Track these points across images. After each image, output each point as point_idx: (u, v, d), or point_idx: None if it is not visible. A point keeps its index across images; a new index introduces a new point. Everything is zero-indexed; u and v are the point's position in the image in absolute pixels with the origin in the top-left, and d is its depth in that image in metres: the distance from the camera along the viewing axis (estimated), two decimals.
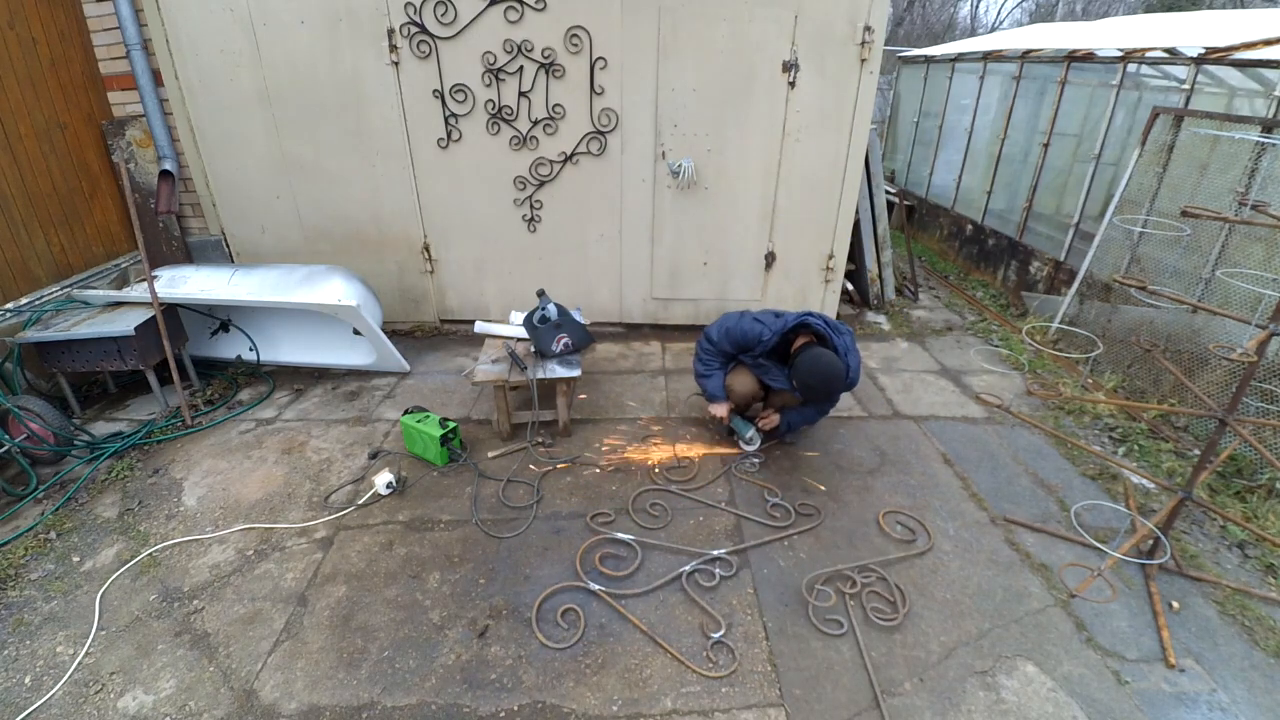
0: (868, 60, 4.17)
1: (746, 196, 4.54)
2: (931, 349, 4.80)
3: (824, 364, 2.92)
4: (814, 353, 2.96)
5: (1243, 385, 2.43)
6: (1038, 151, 5.50)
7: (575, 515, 2.97)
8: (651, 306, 4.93)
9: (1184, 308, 3.74)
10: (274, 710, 2.10)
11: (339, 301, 3.79)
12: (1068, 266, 5.07)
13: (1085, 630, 2.43)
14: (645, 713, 2.10)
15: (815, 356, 2.94)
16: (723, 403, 3.35)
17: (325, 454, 3.43)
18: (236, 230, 4.68)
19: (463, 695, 2.14)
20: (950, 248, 6.99)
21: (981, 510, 3.06)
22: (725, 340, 3.27)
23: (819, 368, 2.93)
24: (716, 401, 3.35)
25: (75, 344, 3.53)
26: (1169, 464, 3.42)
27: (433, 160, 4.40)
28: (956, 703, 2.15)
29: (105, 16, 4.08)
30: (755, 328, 3.18)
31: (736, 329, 3.23)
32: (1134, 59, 4.53)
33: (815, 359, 2.94)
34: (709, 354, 3.34)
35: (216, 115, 4.31)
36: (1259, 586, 2.66)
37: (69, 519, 2.95)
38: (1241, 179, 3.59)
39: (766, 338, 3.13)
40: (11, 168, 3.68)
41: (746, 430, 3.38)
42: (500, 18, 3.99)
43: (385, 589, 2.56)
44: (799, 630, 2.41)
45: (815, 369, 2.93)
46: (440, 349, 4.68)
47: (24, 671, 2.23)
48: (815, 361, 2.94)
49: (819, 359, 2.93)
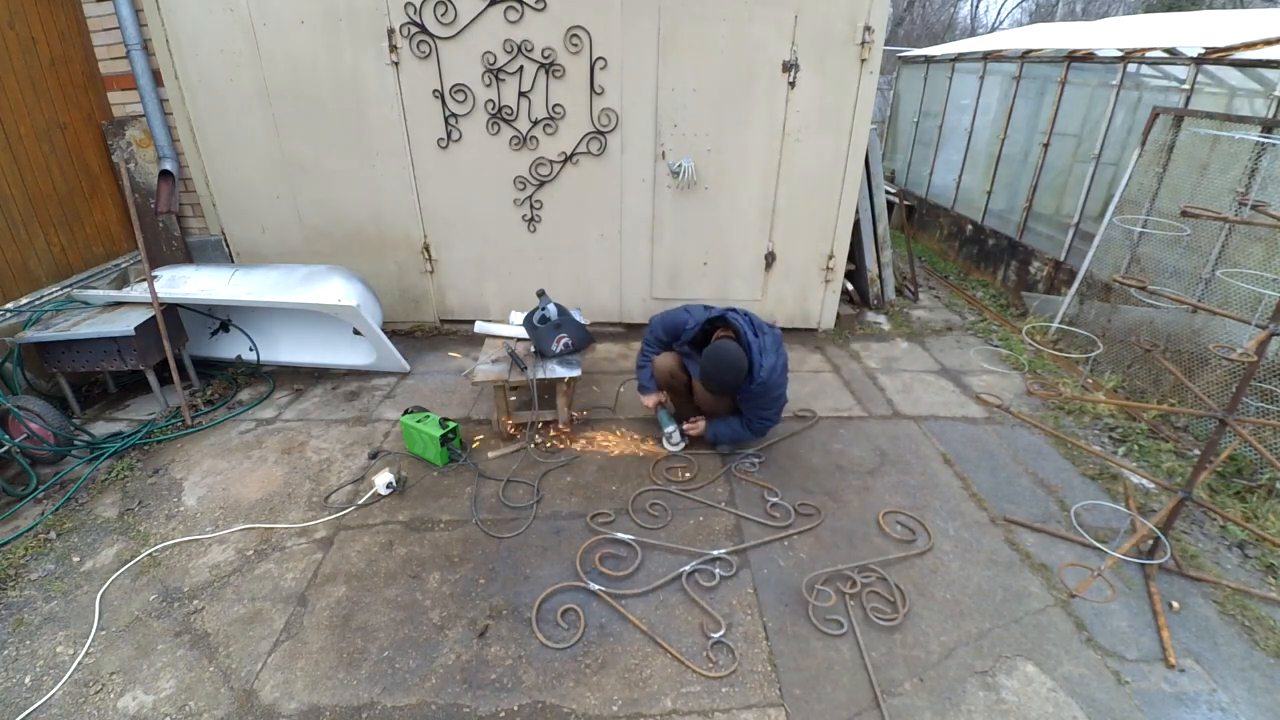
0: (868, 60, 4.17)
1: (746, 196, 4.55)
2: (931, 349, 4.79)
3: (722, 354, 2.99)
4: (719, 344, 3.04)
5: (1243, 385, 2.43)
6: (1038, 151, 5.50)
7: (575, 515, 2.97)
8: (651, 306, 4.93)
9: (1184, 308, 3.74)
10: (274, 710, 2.10)
11: (339, 301, 3.79)
12: (1068, 266, 5.07)
13: (1085, 630, 2.43)
14: (645, 713, 2.10)
15: (718, 347, 3.02)
16: (651, 394, 3.44)
17: (325, 454, 3.43)
18: (236, 230, 4.68)
19: (463, 695, 2.14)
20: (950, 248, 6.99)
21: (981, 510, 3.06)
22: (660, 329, 3.38)
23: (715, 356, 3.01)
24: (646, 392, 3.45)
25: (75, 344, 3.53)
26: (1169, 464, 3.42)
27: (433, 160, 4.40)
28: (956, 703, 2.15)
29: (105, 16, 4.08)
30: (683, 317, 3.30)
31: (668, 318, 3.36)
32: (1134, 59, 4.53)
33: (716, 349, 3.02)
34: (649, 344, 3.45)
35: (216, 115, 4.31)
36: (1259, 586, 2.66)
37: (69, 519, 2.95)
38: (1241, 179, 3.59)
39: (690, 326, 3.24)
40: (11, 168, 3.68)
41: (667, 424, 3.43)
42: (500, 18, 3.99)
43: (385, 589, 2.56)
44: (799, 630, 2.40)
45: (711, 356, 3.02)
46: (440, 349, 4.68)
47: (24, 671, 2.23)
48: (715, 351, 3.02)
49: (719, 349, 3.01)
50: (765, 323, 3.21)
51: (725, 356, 2.99)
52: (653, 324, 3.42)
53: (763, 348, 3.05)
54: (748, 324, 3.11)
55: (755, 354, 3.02)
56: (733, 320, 3.12)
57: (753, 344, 3.03)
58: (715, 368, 3.01)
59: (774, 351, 3.10)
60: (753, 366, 3.01)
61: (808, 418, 3.77)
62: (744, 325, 3.09)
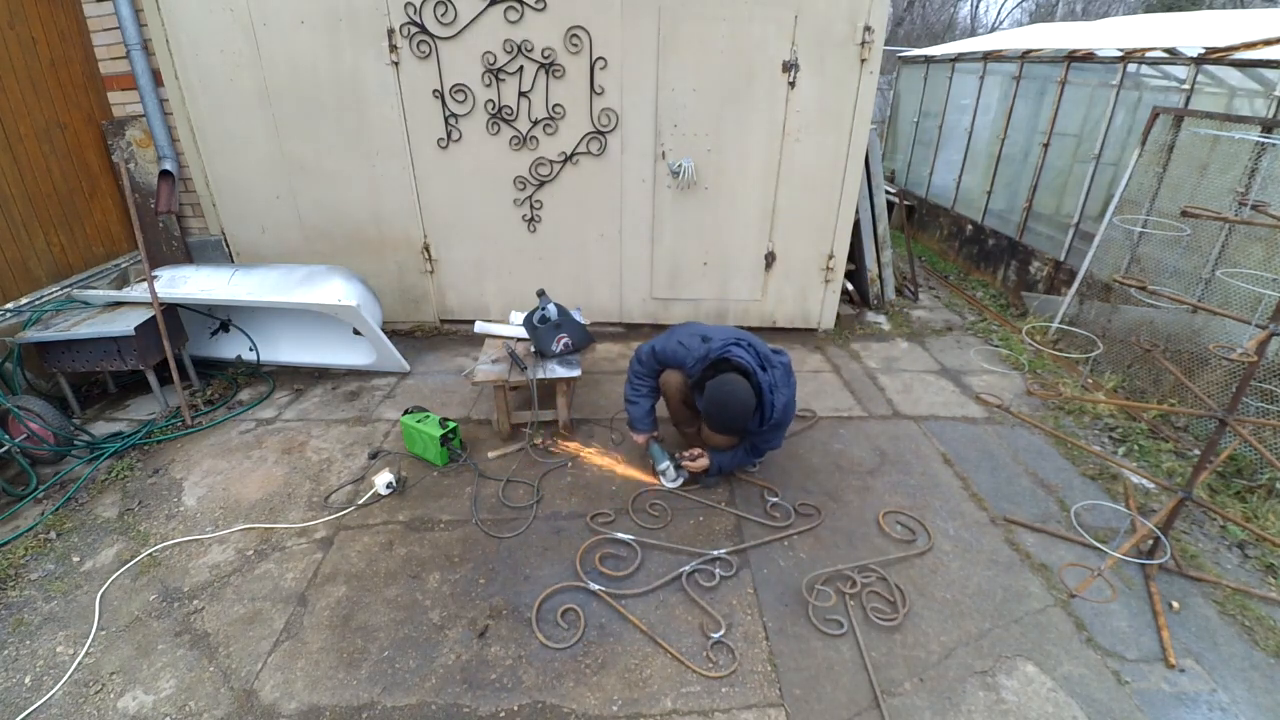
0: (868, 60, 4.17)
1: (746, 196, 4.54)
2: (931, 349, 4.80)
3: (729, 397, 2.70)
4: (725, 383, 2.73)
5: (1243, 385, 2.43)
6: (1038, 151, 5.50)
7: (575, 515, 2.97)
8: (651, 306, 4.93)
9: (1184, 308, 3.74)
10: (274, 710, 2.10)
11: (339, 301, 3.79)
12: (1068, 266, 5.07)
13: (1085, 630, 2.43)
14: (645, 713, 2.10)
15: (722, 383, 2.73)
16: (643, 433, 3.16)
17: (325, 454, 3.43)
18: (236, 230, 4.68)
19: (463, 695, 2.14)
20: (950, 248, 6.99)
21: (981, 510, 3.06)
22: (654, 359, 3.08)
23: (721, 398, 2.71)
24: (637, 431, 3.16)
25: (75, 344, 3.53)
26: (1169, 464, 3.42)
27: (433, 160, 4.40)
28: (956, 703, 2.15)
29: (105, 16, 4.08)
30: (679, 352, 2.95)
31: (662, 349, 3.04)
32: (1134, 59, 4.53)
33: (723, 392, 2.72)
34: (640, 376, 3.13)
35: (216, 115, 4.31)
36: (1259, 586, 2.66)
37: (69, 519, 2.95)
38: (1241, 179, 3.59)
39: (690, 365, 2.92)
40: (11, 168, 3.68)
41: (661, 460, 3.13)
42: (500, 18, 3.99)
43: (385, 589, 2.56)
44: (799, 630, 2.40)
45: (717, 398, 2.72)
46: (440, 349, 4.68)
47: (24, 671, 2.23)
48: (719, 389, 2.73)
49: (726, 393, 2.71)
50: (769, 348, 2.96)
51: (733, 399, 2.70)
52: (641, 354, 3.10)
53: (774, 384, 2.80)
54: (755, 359, 2.81)
55: (767, 393, 2.76)
56: (739, 361, 2.78)
57: (764, 383, 2.75)
58: (721, 411, 2.73)
59: (785, 385, 2.87)
60: (764, 404, 2.77)
61: (808, 418, 3.77)
62: (753, 364, 2.78)
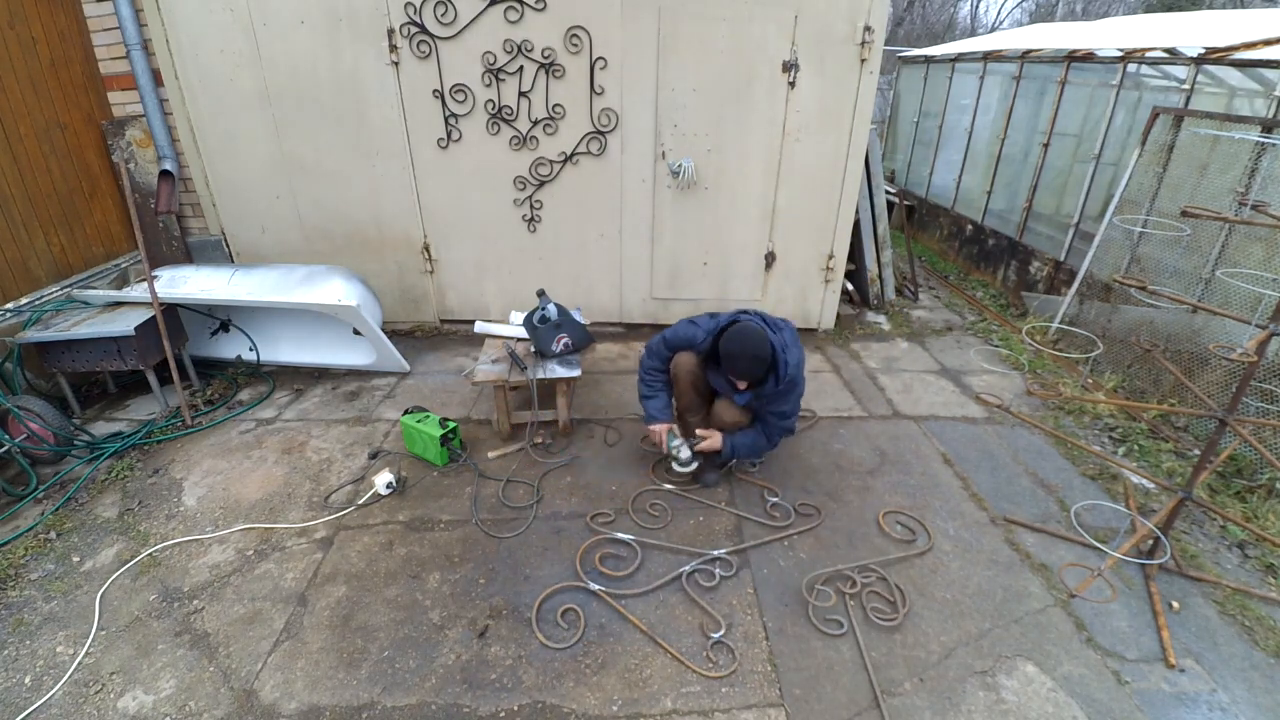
0: (868, 60, 4.17)
1: (746, 196, 4.54)
2: (931, 349, 4.80)
3: (746, 334, 2.79)
4: (739, 326, 2.83)
5: (1243, 385, 2.43)
6: (1038, 151, 5.50)
7: (575, 515, 2.97)
8: (652, 306, 4.93)
9: (1184, 308, 3.74)
10: (274, 710, 2.10)
11: (339, 301, 3.79)
12: (1068, 266, 5.08)
13: (1085, 630, 2.43)
14: (645, 713, 2.10)
15: (739, 329, 2.82)
16: (661, 423, 3.09)
17: (325, 454, 3.43)
18: (236, 230, 4.68)
19: (463, 695, 2.14)
20: (950, 248, 6.99)
21: (981, 510, 3.06)
22: (664, 347, 3.11)
23: (740, 337, 2.79)
24: (655, 423, 3.10)
25: (75, 344, 3.53)
26: (1169, 464, 3.42)
27: (433, 160, 4.40)
28: (956, 703, 2.15)
29: (105, 16, 4.08)
30: (690, 330, 3.04)
31: (674, 334, 3.09)
32: (1134, 59, 4.53)
33: (739, 331, 2.81)
34: (653, 370, 3.14)
35: (216, 115, 4.31)
36: (1259, 586, 2.66)
37: (69, 519, 2.95)
38: (1241, 179, 3.59)
39: (700, 340, 2.99)
40: (11, 168, 3.68)
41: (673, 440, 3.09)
42: (500, 18, 3.99)
43: (385, 589, 2.56)
44: (799, 630, 2.41)
45: (735, 339, 2.80)
46: (440, 349, 4.68)
47: (24, 671, 2.23)
48: (737, 333, 2.81)
49: (742, 331, 2.80)
50: (776, 318, 3.03)
51: (750, 337, 2.77)
52: (651, 344, 3.14)
53: (785, 343, 2.86)
54: (763, 321, 2.93)
55: (779, 349, 2.81)
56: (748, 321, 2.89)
57: (774, 339, 2.82)
58: (741, 348, 2.76)
59: (795, 345, 2.92)
60: (778, 362, 2.81)
61: (808, 417, 3.77)
62: (760, 322, 2.90)
